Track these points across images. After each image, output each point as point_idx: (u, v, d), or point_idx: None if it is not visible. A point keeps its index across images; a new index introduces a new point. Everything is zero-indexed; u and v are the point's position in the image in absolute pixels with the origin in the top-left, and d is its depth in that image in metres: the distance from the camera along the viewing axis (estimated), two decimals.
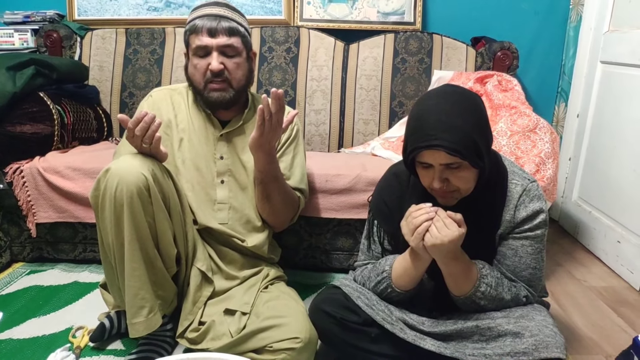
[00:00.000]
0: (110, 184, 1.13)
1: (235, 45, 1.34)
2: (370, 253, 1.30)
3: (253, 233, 1.43)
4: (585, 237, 2.22)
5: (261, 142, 1.25)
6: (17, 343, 1.40)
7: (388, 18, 2.34)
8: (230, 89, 1.36)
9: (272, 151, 1.30)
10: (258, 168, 1.32)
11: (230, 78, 1.35)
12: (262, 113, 1.19)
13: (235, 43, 1.34)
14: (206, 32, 1.31)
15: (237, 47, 1.35)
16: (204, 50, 1.33)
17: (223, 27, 1.32)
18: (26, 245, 1.89)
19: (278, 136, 1.27)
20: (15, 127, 1.75)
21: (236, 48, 1.35)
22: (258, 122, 1.21)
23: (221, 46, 1.32)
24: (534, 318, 1.07)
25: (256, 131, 1.23)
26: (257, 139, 1.24)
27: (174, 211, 1.25)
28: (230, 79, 1.35)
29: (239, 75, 1.36)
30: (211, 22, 1.31)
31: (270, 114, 1.20)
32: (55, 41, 2.26)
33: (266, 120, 1.20)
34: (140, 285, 1.18)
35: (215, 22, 1.32)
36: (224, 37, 1.32)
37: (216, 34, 1.32)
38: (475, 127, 1.03)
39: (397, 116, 2.22)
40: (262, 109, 1.18)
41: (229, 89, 1.35)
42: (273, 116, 1.21)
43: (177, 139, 1.41)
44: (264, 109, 1.18)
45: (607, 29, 2.15)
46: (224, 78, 1.34)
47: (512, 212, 1.14)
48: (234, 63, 1.35)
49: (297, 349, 1.17)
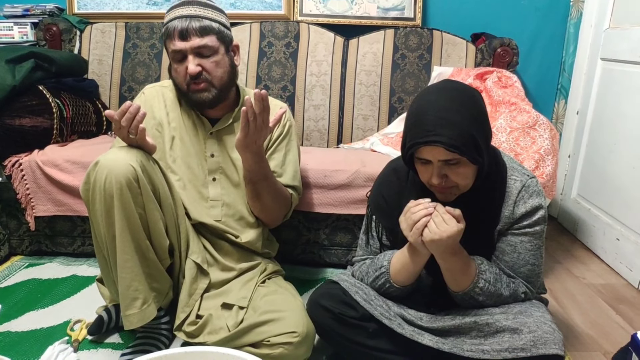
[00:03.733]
0: (100, 176, 1.13)
1: (210, 45, 1.30)
2: (369, 248, 1.30)
3: (247, 229, 1.43)
4: (584, 235, 2.22)
5: (247, 142, 1.23)
6: (16, 336, 1.41)
7: (388, 13, 2.33)
8: (212, 89, 1.33)
9: (260, 150, 1.28)
10: (246, 168, 1.32)
11: (210, 78, 1.32)
12: (245, 114, 1.18)
13: (209, 42, 1.30)
14: (178, 36, 1.28)
15: (213, 46, 1.31)
16: (179, 54, 1.30)
17: (194, 28, 1.27)
18: (25, 239, 1.90)
19: (265, 136, 1.26)
20: (14, 120, 1.75)
21: (211, 47, 1.31)
22: (242, 124, 1.20)
23: (195, 48, 1.29)
24: (533, 314, 1.07)
25: (241, 132, 1.22)
26: (242, 139, 1.23)
27: (164, 202, 1.25)
28: (210, 78, 1.32)
29: (219, 73, 1.33)
30: (182, 23, 1.27)
31: (254, 115, 1.19)
32: (55, 35, 2.25)
33: (250, 122, 1.19)
34: (132, 276, 1.18)
35: (186, 23, 1.27)
36: (196, 39, 1.28)
37: (187, 36, 1.28)
38: (474, 123, 1.02)
39: (397, 112, 2.22)
40: (245, 111, 1.17)
41: (210, 88, 1.33)
42: (257, 117, 1.19)
43: (169, 137, 1.40)
44: (247, 110, 1.17)
45: (607, 25, 2.15)
46: (204, 79, 1.31)
47: (511, 208, 1.13)
48: (211, 62, 1.32)
49: (294, 343, 1.18)
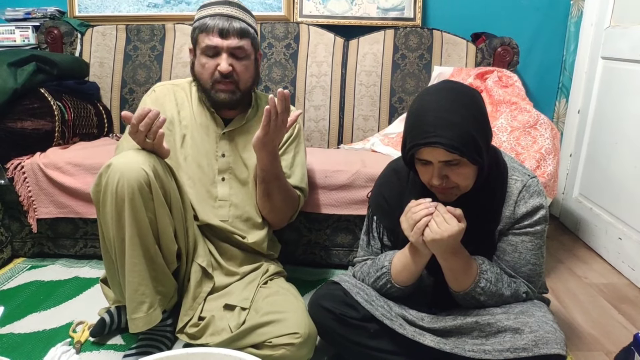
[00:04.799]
0: (112, 179, 1.13)
1: (246, 48, 1.34)
2: (370, 249, 1.30)
3: (253, 230, 1.43)
4: (586, 234, 2.22)
5: (265, 141, 1.25)
6: (18, 337, 1.41)
7: (388, 14, 2.33)
8: (237, 91, 1.36)
9: (275, 150, 1.30)
10: (261, 167, 1.33)
11: (238, 80, 1.34)
12: (268, 113, 1.19)
13: (245, 45, 1.33)
14: (217, 33, 1.30)
15: (247, 50, 1.34)
16: (213, 50, 1.32)
17: (235, 29, 1.30)
18: (27, 241, 1.90)
19: (282, 136, 1.28)
20: (16, 123, 1.76)
21: (246, 50, 1.34)
22: (264, 122, 1.21)
23: (232, 48, 1.31)
24: (534, 314, 1.07)
25: (261, 130, 1.23)
26: (261, 138, 1.24)
27: (174, 207, 1.25)
28: (238, 80, 1.34)
29: (246, 77, 1.36)
30: (223, 22, 1.30)
31: (276, 114, 1.20)
32: (56, 38, 2.26)
33: (272, 120, 1.21)
34: (140, 280, 1.18)
35: (227, 22, 1.30)
36: (235, 39, 1.31)
37: (227, 35, 1.30)
38: (475, 123, 1.02)
39: (397, 112, 2.22)
40: (269, 109, 1.18)
41: (236, 90, 1.35)
42: (279, 116, 1.21)
43: (179, 135, 1.41)
44: (271, 109, 1.18)
45: (608, 24, 2.14)
46: (232, 80, 1.33)
47: (512, 207, 1.13)
48: (242, 65, 1.34)
49: (296, 344, 1.18)
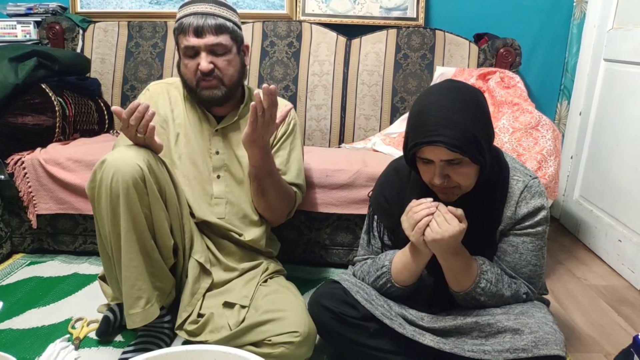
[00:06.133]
0: (106, 175, 1.13)
1: (224, 43, 1.31)
2: (370, 248, 1.29)
3: (250, 227, 1.43)
4: (586, 236, 2.22)
5: (254, 137, 1.24)
6: (17, 333, 1.41)
7: (390, 13, 2.33)
8: (222, 87, 1.34)
9: (266, 146, 1.29)
10: (252, 163, 1.32)
11: (222, 76, 1.33)
12: (254, 109, 1.18)
13: (223, 41, 1.31)
14: (192, 32, 1.28)
15: (226, 45, 1.32)
16: (192, 50, 1.30)
17: (209, 26, 1.28)
18: (27, 237, 1.90)
19: (272, 132, 1.26)
20: (17, 118, 1.76)
21: (225, 46, 1.31)
22: (250, 119, 1.20)
23: (209, 46, 1.29)
24: (534, 315, 1.07)
25: (249, 127, 1.22)
26: (250, 134, 1.23)
27: (170, 202, 1.25)
28: (222, 76, 1.33)
29: (230, 72, 1.34)
30: (197, 20, 1.28)
31: (262, 110, 1.19)
32: (58, 33, 2.26)
33: (259, 116, 1.20)
34: (137, 276, 1.18)
35: (202, 20, 1.28)
36: (211, 36, 1.29)
37: (203, 33, 1.28)
38: (477, 123, 1.02)
39: (399, 112, 2.22)
40: (255, 105, 1.18)
41: (220, 86, 1.34)
42: (266, 112, 1.19)
43: (173, 134, 1.40)
44: (257, 105, 1.17)
45: (611, 26, 2.14)
46: (215, 76, 1.32)
47: (513, 208, 1.13)
48: (224, 61, 1.32)
49: (295, 342, 1.18)
